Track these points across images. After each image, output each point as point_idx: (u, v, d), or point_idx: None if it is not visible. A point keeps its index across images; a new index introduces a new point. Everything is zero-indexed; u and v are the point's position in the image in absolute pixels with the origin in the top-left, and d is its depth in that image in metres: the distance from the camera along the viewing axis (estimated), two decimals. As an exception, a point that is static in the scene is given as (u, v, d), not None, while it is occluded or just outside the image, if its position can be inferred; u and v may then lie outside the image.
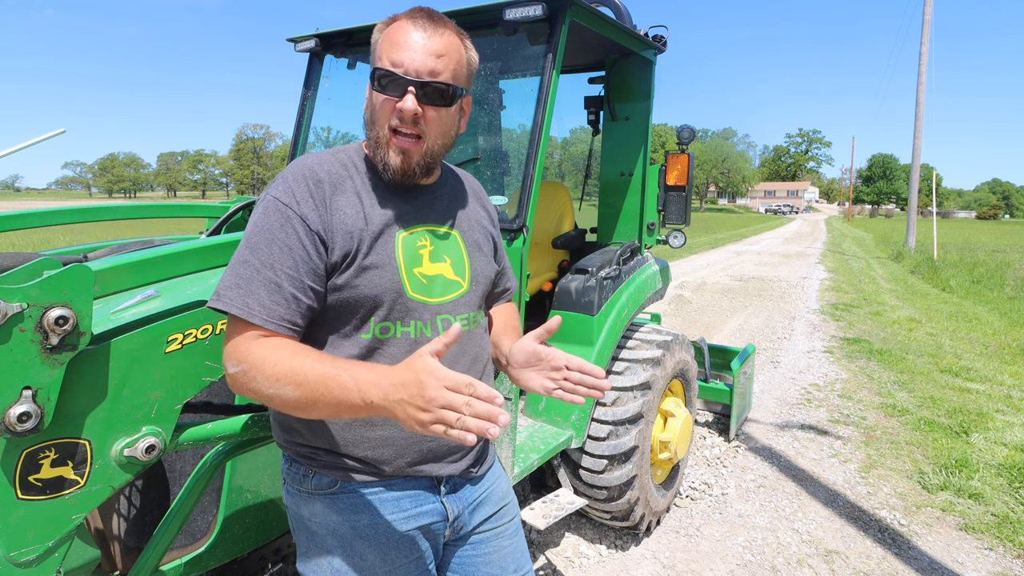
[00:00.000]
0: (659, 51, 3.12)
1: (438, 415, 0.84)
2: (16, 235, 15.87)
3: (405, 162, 1.12)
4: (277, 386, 0.97)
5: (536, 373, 1.20)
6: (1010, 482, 3.62)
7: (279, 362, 0.98)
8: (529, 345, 1.20)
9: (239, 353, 1.02)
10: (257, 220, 1.08)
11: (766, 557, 2.90)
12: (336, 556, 1.15)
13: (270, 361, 0.98)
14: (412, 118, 1.08)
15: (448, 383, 0.84)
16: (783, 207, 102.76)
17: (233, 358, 1.02)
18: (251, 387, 1.00)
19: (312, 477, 1.16)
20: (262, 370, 0.98)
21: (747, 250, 21.00)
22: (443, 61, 1.09)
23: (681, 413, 3.05)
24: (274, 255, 1.04)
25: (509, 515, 1.35)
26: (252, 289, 1.03)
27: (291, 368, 0.96)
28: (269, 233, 1.05)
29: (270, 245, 1.04)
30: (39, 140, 1.73)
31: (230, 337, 1.04)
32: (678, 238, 3.35)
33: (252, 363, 0.99)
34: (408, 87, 1.07)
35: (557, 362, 1.17)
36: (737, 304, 9.67)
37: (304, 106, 3.05)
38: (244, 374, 1.00)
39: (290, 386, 0.96)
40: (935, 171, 19.02)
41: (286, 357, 0.98)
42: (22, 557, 1.06)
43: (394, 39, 1.09)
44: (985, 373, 5.87)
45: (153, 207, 2.68)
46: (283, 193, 1.08)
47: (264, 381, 0.98)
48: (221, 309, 1.03)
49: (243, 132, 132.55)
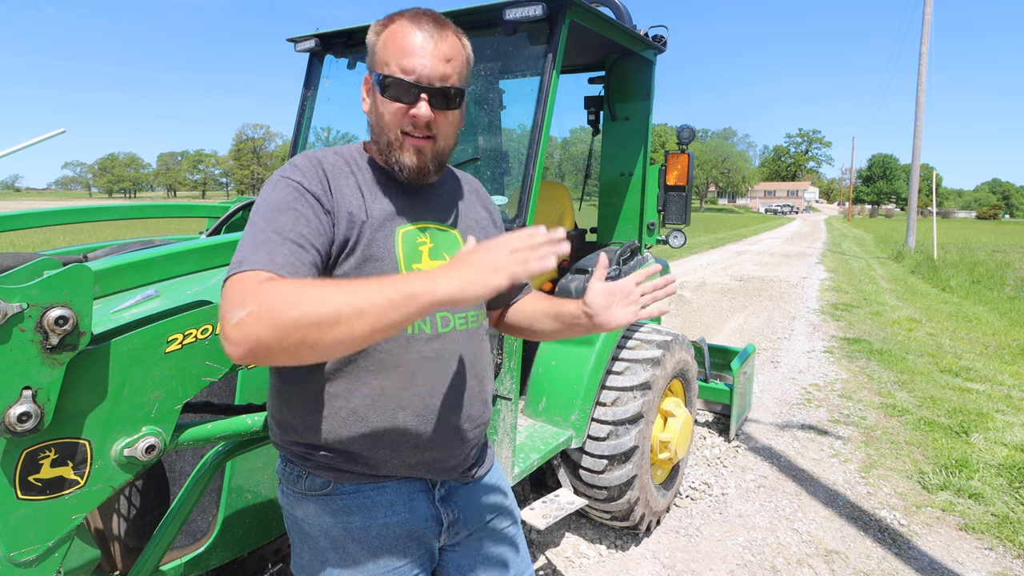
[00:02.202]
0: (659, 51, 3.12)
1: (511, 258, 0.86)
2: (16, 235, 15.87)
3: (421, 160, 1.12)
4: (324, 302, 0.83)
5: (618, 307, 1.22)
6: (1010, 482, 3.62)
7: (324, 282, 0.88)
8: (601, 286, 1.22)
9: (248, 294, 0.86)
10: (269, 196, 1.05)
11: (766, 557, 2.90)
12: (329, 558, 1.14)
13: (293, 285, 0.88)
14: (426, 124, 1.09)
15: (508, 236, 0.90)
16: (783, 207, 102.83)
17: (244, 300, 0.85)
18: (271, 319, 0.82)
19: (306, 478, 1.15)
20: (303, 294, 0.84)
21: (747, 250, 21.00)
22: (452, 65, 1.10)
23: (681, 413, 3.05)
24: (291, 222, 1.01)
25: (508, 519, 1.34)
26: (273, 250, 0.96)
27: (339, 283, 0.87)
28: (284, 203, 1.03)
29: (285, 213, 1.02)
30: (39, 140, 1.73)
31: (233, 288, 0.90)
32: (678, 238, 3.36)
33: (266, 294, 0.85)
34: (421, 94, 1.08)
35: (629, 286, 1.22)
36: (737, 304, 9.67)
37: (304, 106, 3.05)
38: (259, 308, 0.83)
39: (345, 297, 0.83)
40: (935, 171, 19.03)
41: (326, 282, 0.89)
42: (22, 557, 1.06)
43: (401, 45, 1.08)
44: (985, 373, 5.87)
45: (153, 207, 2.68)
46: (292, 173, 1.08)
47: (312, 304, 0.82)
48: (245, 270, 0.93)
49: (243, 132, 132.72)
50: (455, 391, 1.18)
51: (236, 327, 0.84)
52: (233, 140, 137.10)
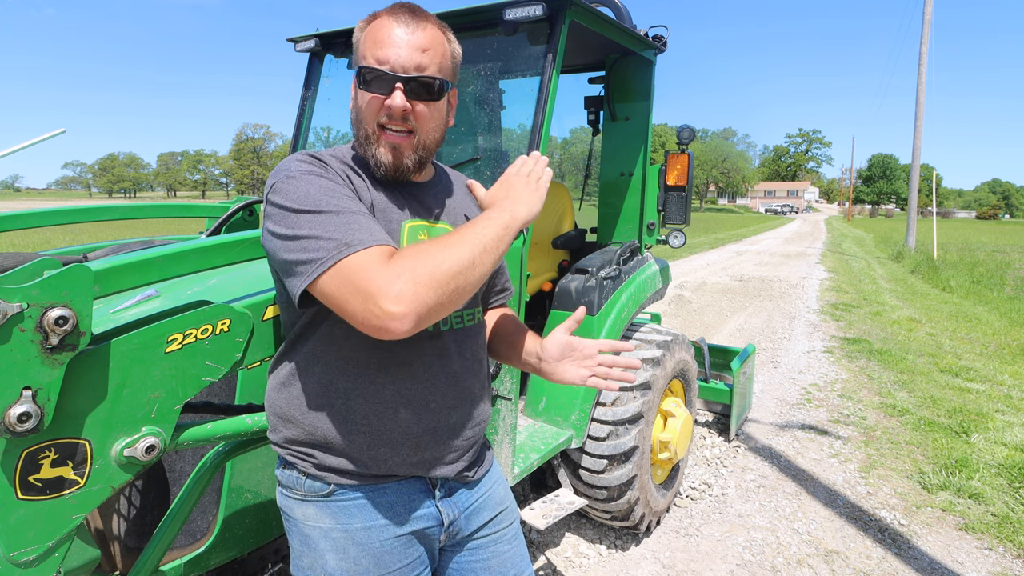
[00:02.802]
0: (659, 51, 3.11)
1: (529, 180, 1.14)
2: (16, 235, 15.87)
3: (396, 157, 1.12)
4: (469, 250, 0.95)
5: (571, 364, 1.23)
6: (1010, 482, 3.62)
7: (428, 244, 0.96)
8: (561, 338, 1.23)
9: (389, 269, 0.90)
10: (297, 188, 1.01)
11: (766, 557, 2.90)
12: (329, 560, 1.14)
13: (420, 247, 0.95)
14: (402, 114, 1.09)
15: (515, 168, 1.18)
16: (783, 207, 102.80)
17: (385, 280, 0.88)
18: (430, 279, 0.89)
19: (305, 481, 1.15)
20: (424, 254, 0.92)
21: (747, 250, 21.00)
22: (428, 55, 1.10)
23: (681, 413, 3.05)
24: (347, 200, 1.02)
25: (508, 520, 1.33)
26: (362, 226, 0.97)
27: (437, 242, 0.96)
28: (317, 187, 1.01)
29: (325, 193, 1.00)
30: (39, 140, 1.73)
31: (362, 271, 0.90)
32: (678, 238, 3.35)
33: (409, 263, 0.91)
34: (395, 84, 1.08)
35: (589, 350, 1.22)
36: (737, 304, 9.67)
37: (304, 106, 3.05)
38: (413, 274, 0.89)
39: (463, 247, 0.95)
40: (935, 171, 19.02)
41: (424, 243, 0.98)
42: (22, 557, 1.06)
43: (377, 37, 1.09)
44: (985, 373, 5.87)
45: (153, 207, 2.68)
46: (300, 164, 1.07)
47: (433, 264, 0.91)
48: (349, 254, 0.92)
49: (243, 132, 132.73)
50: (456, 389, 1.19)
51: (397, 299, 0.87)
52: (233, 140, 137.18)
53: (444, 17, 2.33)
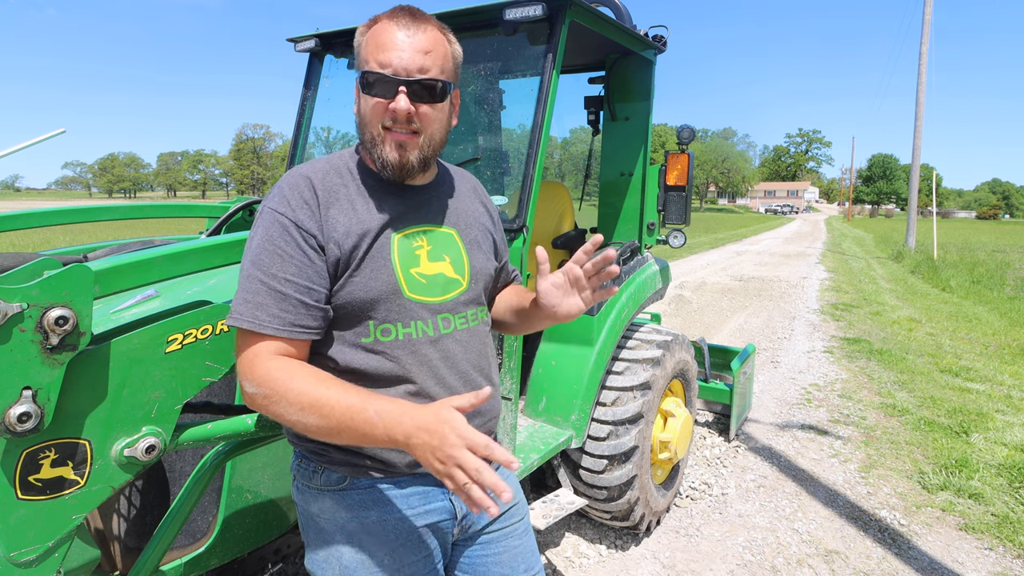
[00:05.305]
0: (659, 51, 3.11)
1: (451, 471, 0.89)
2: (16, 235, 15.87)
3: (403, 156, 1.12)
4: (302, 414, 1.00)
5: (568, 298, 1.22)
6: (1010, 482, 3.62)
7: (304, 391, 1.00)
8: (548, 285, 1.21)
9: (257, 374, 1.03)
10: (257, 234, 1.10)
11: (766, 557, 2.90)
12: (345, 553, 1.15)
13: (294, 389, 1.00)
14: (406, 117, 1.09)
15: (468, 442, 0.88)
16: (783, 207, 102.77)
17: (251, 378, 1.04)
18: (273, 411, 1.02)
19: (321, 473, 1.16)
20: (285, 397, 1.00)
21: (747, 250, 21.00)
22: (430, 57, 1.10)
23: (681, 413, 3.05)
24: (276, 265, 1.06)
25: (518, 515, 1.35)
26: (260, 301, 1.05)
27: (316, 398, 0.99)
28: (269, 244, 1.08)
29: (271, 256, 1.07)
30: (39, 140, 1.73)
31: (242, 351, 1.06)
32: (678, 238, 3.35)
33: (274, 388, 1.01)
34: (399, 87, 1.08)
35: (575, 273, 1.20)
36: (737, 304, 9.67)
37: (304, 106, 3.05)
38: (265, 398, 1.02)
39: (315, 416, 0.99)
40: (935, 171, 19.02)
41: (311, 385, 1.00)
42: (22, 557, 1.06)
43: (379, 40, 1.10)
44: (985, 373, 5.87)
45: (153, 207, 2.68)
46: (279, 203, 1.10)
47: (288, 408, 1.00)
48: (235, 325, 1.06)
49: (243, 132, 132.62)
50: (466, 388, 1.20)
51: (251, 397, 1.05)
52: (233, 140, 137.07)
53: (444, 17, 2.33)
